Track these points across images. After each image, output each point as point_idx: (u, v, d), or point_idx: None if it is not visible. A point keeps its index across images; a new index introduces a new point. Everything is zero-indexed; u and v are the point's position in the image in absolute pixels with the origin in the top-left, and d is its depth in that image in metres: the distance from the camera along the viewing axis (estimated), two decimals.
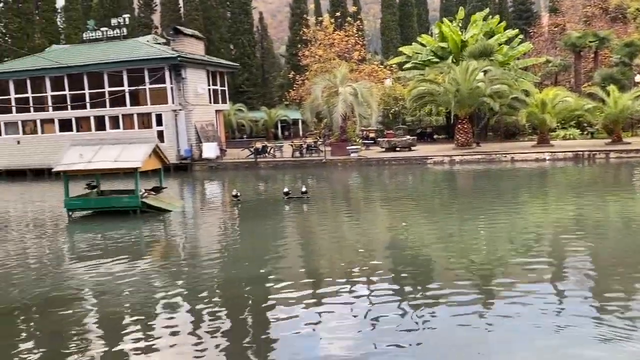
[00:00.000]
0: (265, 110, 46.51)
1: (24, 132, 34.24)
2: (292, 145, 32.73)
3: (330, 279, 9.22)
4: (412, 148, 31.27)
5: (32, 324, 8.04)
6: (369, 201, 18.53)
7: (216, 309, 8.08)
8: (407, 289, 8.60)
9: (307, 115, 34.06)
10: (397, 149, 31.10)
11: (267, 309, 7.94)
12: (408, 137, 32.78)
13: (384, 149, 31.60)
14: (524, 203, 16.63)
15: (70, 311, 8.33)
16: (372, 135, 34.92)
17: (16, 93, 33.96)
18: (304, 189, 17.85)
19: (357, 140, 32.98)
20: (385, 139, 32.25)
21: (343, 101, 29.83)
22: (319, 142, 33.29)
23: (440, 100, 31.75)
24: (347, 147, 30.22)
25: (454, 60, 35.38)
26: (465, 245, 11.21)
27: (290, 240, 13.10)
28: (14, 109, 33.58)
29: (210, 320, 7.61)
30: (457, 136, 30.80)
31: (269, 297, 8.50)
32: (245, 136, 43.92)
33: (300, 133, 45.98)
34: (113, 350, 6.74)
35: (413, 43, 41.42)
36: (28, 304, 8.83)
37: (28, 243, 14.13)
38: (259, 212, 16.89)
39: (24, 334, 7.57)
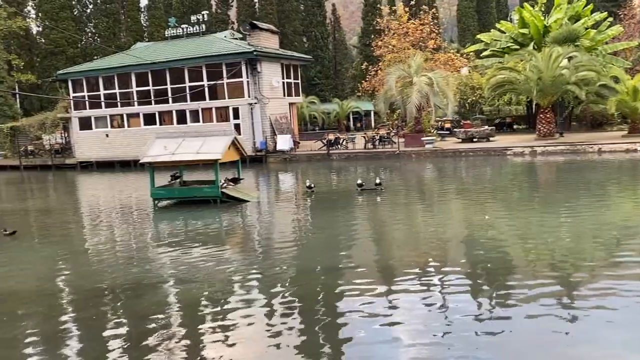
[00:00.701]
0: (338, 102, 46.62)
1: (112, 126, 36.42)
2: (364, 137, 32.63)
3: (404, 272, 9.11)
4: (491, 139, 30.24)
5: (119, 305, 8.56)
6: (445, 193, 18.13)
7: (289, 298, 8.23)
8: (484, 284, 8.35)
9: (380, 106, 33.76)
10: (475, 139, 30.19)
11: (340, 300, 7.98)
12: (486, 127, 31.71)
13: (460, 140, 30.78)
14: (612, 196, 15.63)
15: (154, 295, 8.82)
16: (447, 125, 34.11)
17: (105, 89, 36.17)
18: (377, 181, 17.77)
19: (432, 131, 32.32)
20: (462, 130, 31.40)
21: (418, 91, 29.31)
22: (392, 134, 32.97)
23: (520, 89, 30.45)
24: (422, 138, 29.70)
25: (536, 47, 33.74)
26: (547, 240, 10.70)
27: (363, 231, 13.08)
28: (103, 104, 35.79)
29: (283, 309, 7.76)
30: (539, 126, 29.43)
31: (342, 288, 8.54)
32: (317, 128, 44.30)
33: (373, 124, 45.72)
34: (192, 334, 7.04)
35: (491, 30, 39.91)
36: (117, 287, 9.42)
37: (117, 230, 15.06)
38: (332, 203, 17.00)
39: (112, 315, 8.09)
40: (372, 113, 46.82)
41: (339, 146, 32.23)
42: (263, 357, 6.29)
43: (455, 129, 33.01)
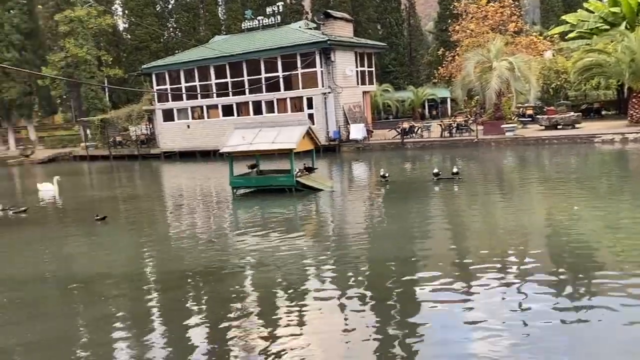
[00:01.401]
0: (412, 90, 45.69)
1: (193, 117, 37.88)
2: (440, 125, 31.82)
3: (480, 264, 8.80)
4: (576, 125, 28.52)
5: (200, 289, 8.92)
6: (526, 183, 17.33)
7: (362, 287, 8.21)
8: (566, 279, 7.89)
9: (457, 93, 32.76)
10: (559, 126, 28.60)
11: (413, 291, 7.86)
12: (571, 113, 29.94)
13: (543, 127, 29.28)
14: None
15: (233, 280, 9.10)
16: (529, 112, 32.52)
17: (186, 82, 37.63)
18: (455, 170, 17.29)
19: (513, 117, 30.98)
20: (545, 116, 29.84)
21: (498, 77, 28.15)
22: (470, 121, 31.94)
23: (610, 72, 28.45)
24: (502, 126, 28.54)
25: (628, 27, 31.33)
26: (638, 235, 9.95)
27: (439, 221, 12.78)
28: (184, 96, 37.27)
29: (355, 297, 7.75)
30: (632, 111, 27.39)
31: (415, 278, 8.41)
32: (391, 117, 43.72)
33: (449, 112, 44.46)
34: (267, 319, 7.19)
35: (578, 10, 37.50)
36: (197, 272, 9.82)
37: (198, 216, 15.69)
38: (407, 193, 16.76)
39: (193, 298, 8.44)
40: (448, 100, 45.53)
41: (414, 135, 31.67)
42: (335, 344, 6.32)
43: (537, 116, 31.41)
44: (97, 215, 15.00)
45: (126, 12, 55.22)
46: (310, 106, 32.94)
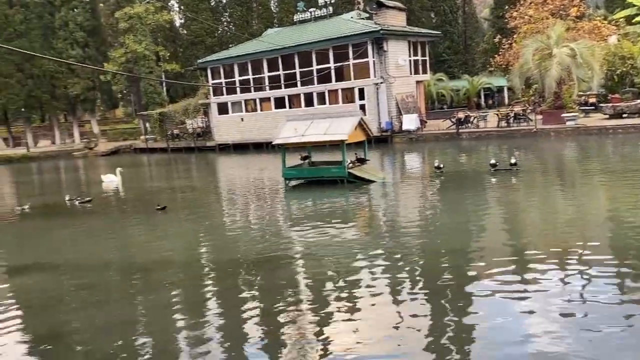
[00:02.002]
0: (467, 79, 44.56)
1: (246, 110, 38.49)
2: (497, 115, 30.88)
3: (537, 258, 8.50)
4: None
5: (254, 278, 9.09)
6: (589, 175, 16.58)
7: (414, 279, 8.12)
8: (628, 272, 7.53)
9: (514, 81, 31.66)
10: (624, 115, 27.14)
11: (467, 284, 7.69)
12: (638, 101, 28.34)
13: (607, 116, 27.87)
14: None
15: (285, 269, 9.22)
16: (592, 100, 31.01)
17: (239, 75, 38.24)
18: (513, 160, 16.78)
19: (574, 106, 29.65)
20: (610, 105, 28.38)
21: (558, 64, 27.00)
22: (528, 110, 30.84)
23: None
24: (562, 115, 27.38)
25: None
26: None
27: (496, 213, 12.45)
28: (238, 89, 37.91)
29: (407, 289, 7.68)
30: None
31: (470, 271, 8.24)
32: (445, 106, 42.81)
33: (506, 101, 43.10)
34: (318, 309, 7.24)
35: None
36: (251, 261, 10.01)
37: (252, 207, 15.98)
38: (462, 184, 16.40)
39: (247, 287, 8.61)
40: (505, 89, 44.10)
41: (469, 125, 30.91)
42: (387, 334, 6.29)
43: (601, 104, 29.92)
44: (157, 205, 15.54)
45: (182, 7, 56.58)
46: (362, 97, 32.75)
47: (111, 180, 23.26)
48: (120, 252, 11.57)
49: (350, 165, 17.74)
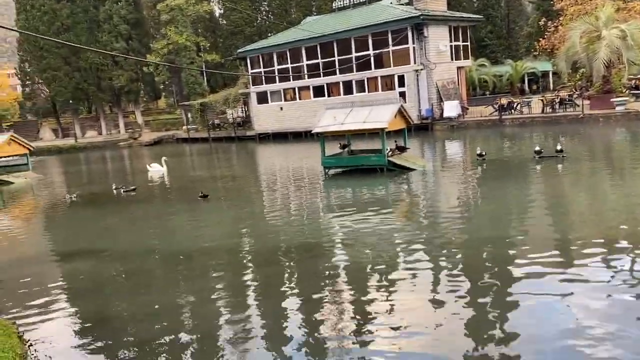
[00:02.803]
0: (511, 64, 43.31)
1: (285, 99, 38.65)
2: (542, 100, 29.97)
3: (584, 248, 8.24)
4: None
5: (294, 265, 9.16)
6: (639, 162, 15.93)
7: (455, 269, 8.00)
8: None
9: (560, 65, 30.60)
10: None
11: (509, 274, 7.54)
12: None
13: None
14: None
15: (325, 257, 9.25)
16: None
17: (278, 64, 38.39)
18: (559, 147, 16.29)
19: (624, 91, 28.45)
20: None
21: (607, 46, 25.92)
22: (574, 95, 29.80)
23: None
24: (611, 99, 26.33)
25: None
26: None
27: (540, 202, 12.11)
28: (277, 78, 38.08)
29: (448, 280, 7.58)
30: None
31: (512, 261, 8.05)
32: (488, 93, 41.81)
33: (551, 86, 41.74)
34: (357, 299, 7.25)
35: None
36: (291, 248, 10.11)
37: (292, 195, 16.09)
38: (505, 172, 16.04)
39: (287, 274, 8.70)
40: (550, 74, 42.68)
41: (513, 111, 30.12)
42: (426, 326, 6.24)
43: None
44: (201, 193, 15.86)
45: None
46: (401, 84, 32.36)
47: (157, 170, 23.90)
48: (164, 239, 11.88)
49: (390, 153, 17.60)
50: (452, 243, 9.35)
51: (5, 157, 27.50)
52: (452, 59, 34.17)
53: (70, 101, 54.53)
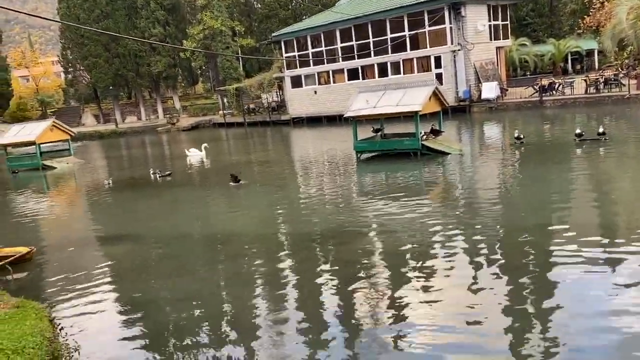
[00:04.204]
0: (553, 43, 41.75)
1: (319, 83, 38.46)
2: (585, 80, 28.84)
3: (626, 235, 7.92)
4: None
5: (328, 250, 9.16)
6: None
7: (492, 256, 7.82)
8: None
9: (606, 43, 29.39)
10: None
11: (548, 262, 7.32)
12: None
13: None
14: None
15: (358, 242, 9.20)
16: None
17: (312, 47, 38.15)
18: (601, 130, 15.67)
19: None
20: None
21: None
22: (620, 75, 28.53)
23: None
24: None
25: None
26: None
27: (581, 187, 11.70)
28: (311, 62, 37.88)
29: (485, 267, 7.43)
30: None
31: (552, 248, 7.82)
32: (528, 73, 40.51)
33: (596, 65, 40.09)
34: (392, 285, 7.19)
35: None
36: (325, 233, 10.08)
37: (325, 180, 16.05)
38: (544, 156, 15.55)
39: (321, 259, 8.69)
40: (595, 53, 41.00)
41: (554, 92, 29.13)
42: (462, 314, 6.12)
43: None
44: (232, 176, 16.01)
45: None
46: (438, 65, 31.69)
47: (195, 154, 24.33)
48: (200, 224, 12.06)
49: (424, 136, 17.30)
50: (489, 229, 9.13)
51: (48, 143, 28.41)
52: (490, 39, 33.20)
53: (111, 87, 55.78)
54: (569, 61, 42.05)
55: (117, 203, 15.93)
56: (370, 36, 34.35)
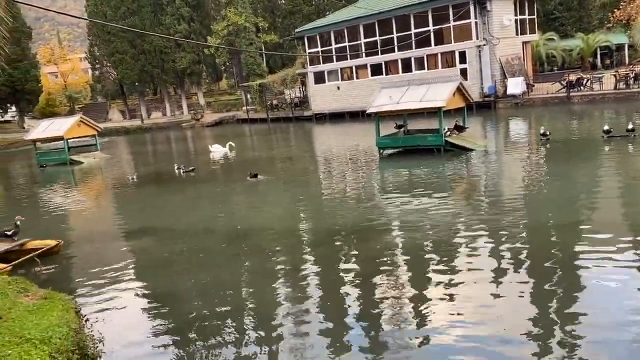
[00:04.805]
0: (582, 37, 40.83)
1: (342, 79, 38.35)
2: (615, 75, 28.16)
3: None
4: None
5: (350, 246, 9.14)
6: None
7: (517, 255, 7.70)
8: None
9: (637, 37, 28.68)
10: None
11: (575, 263, 7.18)
12: None
13: None
14: None
15: (381, 239, 9.18)
16: None
17: (336, 43, 38.06)
18: (630, 126, 15.30)
19: None
20: None
21: None
22: None
23: None
24: None
25: None
26: None
27: (610, 185, 11.44)
28: (334, 58, 37.80)
29: (509, 266, 7.32)
30: None
31: (578, 248, 7.67)
32: (555, 68, 39.75)
33: (626, 60, 39.09)
34: (414, 282, 7.15)
35: None
36: (347, 229, 10.08)
37: (347, 176, 16.03)
38: (571, 153, 15.26)
39: (343, 256, 8.68)
40: (625, 47, 39.98)
41: (582, 87, 28.52)
42: (486, 313, 6.06)
43: None
44: (249, 173, 16.22)
45: None
46: (462, 60, 31.31)
47: (219, 150, 24.61)
48: (223, 218, 12.17)
49: (448, 133, 17.13)
50: (514, 227, 9.00)
51: (76, 138, 28.98)
52: (517, 34, 32.67)
53: (136, 83, 56.57)
54: (598, 56, 41.09)
55: (142, 198, 16.18)
56: (394, 31, 34.11)
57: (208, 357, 5.79)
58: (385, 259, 8.14)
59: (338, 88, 38.27)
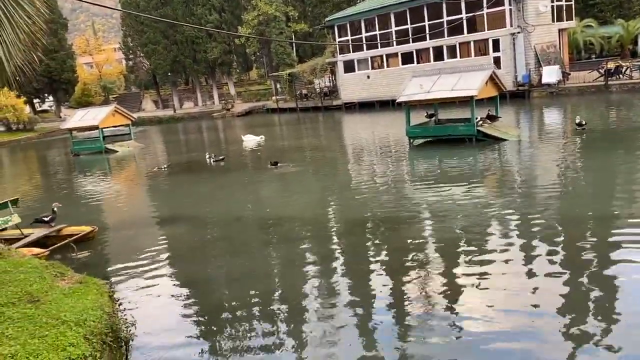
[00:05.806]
0: (622, 23, 39.42)
1: (373, 67, 38.03)
2: None
3: None
4: None
5: (378, 236, 9.11)
6: None
7: (550, 247, 7.54)
8: None
9: None
10: None
11: (610, 255, 6.99)
12: None
13: None
14: None
15: (410, 229, 9.11)
16: None
17: (366, 32, 37.72)
18: None
19: None
20: None
21: None
22: None
23: None
24: None
25: None
26: None
27: None
28: (364, 46, 37.49)
29: (542, 258, 7.17)
30: None
31: (615, 239, 7.46)
32: (593, 56, 38.54)
33: None
34: (444, 273, 7.07)
35: None
36: (376, 219, 10.04)
37: (376, 166, 15.94)
38: (608, 143, 14.81)
39: (372, 245, 8.66)
40: None
41: (621, 76, 27.60)
42: (517, 305, 5.96)
43: None
44: (270, 162, 16.41)
45: None
46: (496, 48, 30.65)
47: (251, 140, 24.93)
48: (252, 207, 12.28)
49: (480, 122, 16.84)
50: (547, 219, 8.81)
51: (110, 127, 29.59)
52: (553, 21, 31.76)
53: (169, 73, 57.30)
54: (639, 43, 39.62)
55: (174, 186, 16.44)
56: (426, 19, 33.59)
57: (237, 342, 5.87)
58: (415, 248, 8.08)
59: (368, 77, 37.99)
